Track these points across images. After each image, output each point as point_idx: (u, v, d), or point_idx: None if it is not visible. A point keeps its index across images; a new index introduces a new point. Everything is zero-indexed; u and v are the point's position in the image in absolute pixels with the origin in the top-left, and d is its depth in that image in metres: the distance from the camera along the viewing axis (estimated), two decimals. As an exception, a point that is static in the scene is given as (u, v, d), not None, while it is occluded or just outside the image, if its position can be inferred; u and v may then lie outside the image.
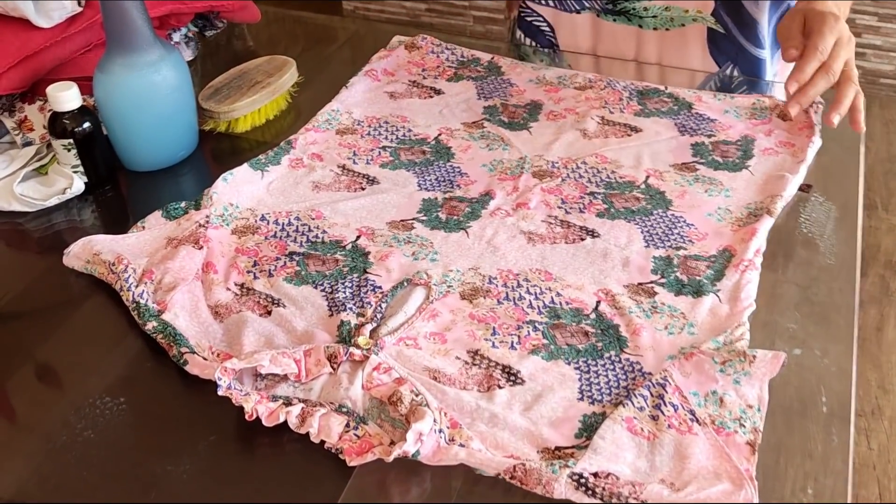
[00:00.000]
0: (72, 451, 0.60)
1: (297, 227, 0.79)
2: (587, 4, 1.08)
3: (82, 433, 0.61)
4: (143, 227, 0.79)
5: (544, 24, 1.12)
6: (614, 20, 1.07)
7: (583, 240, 0.77)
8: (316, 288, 0.72)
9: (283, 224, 0.80)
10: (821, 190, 0.85)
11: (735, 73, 1.07)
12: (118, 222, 0.81)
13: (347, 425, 0.59)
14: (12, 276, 0.77)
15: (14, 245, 0.82)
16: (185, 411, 0.63)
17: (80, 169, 0.84)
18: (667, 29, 1.06)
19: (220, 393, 0.60)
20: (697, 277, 0.73)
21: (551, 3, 1.10)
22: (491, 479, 0.57)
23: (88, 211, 0.84)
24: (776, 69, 1.08)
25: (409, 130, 0.94)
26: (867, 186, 0.88)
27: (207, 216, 0.79)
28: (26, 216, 0.83)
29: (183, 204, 0.81)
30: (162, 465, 0.58)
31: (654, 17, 1.04)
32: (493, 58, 1.07)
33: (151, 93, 0.84)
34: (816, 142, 0.90)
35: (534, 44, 1.15)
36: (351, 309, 0.69)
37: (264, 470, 0.58)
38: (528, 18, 1.14)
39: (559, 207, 0.81)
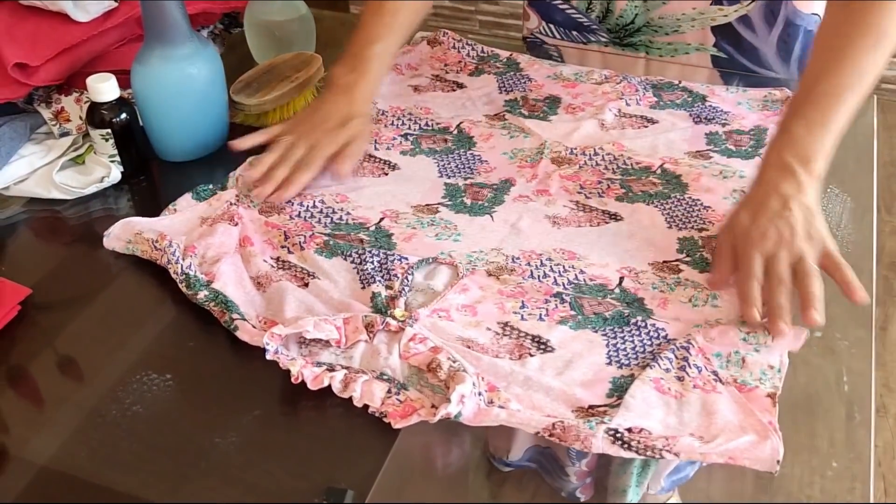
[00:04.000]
0: (121, 425, 0.62)
1: (322, 209, 0.82)
2: (593, 39, 1.11)
3: (131, 408, 0.63)
4: (175, 210, 0.82)
5: (553, 49, 1.15)
6: (623, 49, 1.11)
7: (607, 223, 0.80)
8: (346, 259, 0.75)
9: (308, 206, 0.82)
10: (835, 184, 0.87)
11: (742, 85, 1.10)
12: (152, 211, 0.84)
13: (389, 391, 0.62)
14: (53, 260, 0.80)
15: (54, 231, 0.84)
16: (229, 387, 0.66)
17: (117, 158, 0.87)
18: (672, 56, 1.09)
19: (268, 357, 0.62)
20: None
21: (557, 36, 1.13)
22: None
23: (124, 199, 0.87)
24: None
25: (432, 121, 0.96)
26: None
27: (237, 195, 0.82)
28: (64, 204, 0.85)
29: (211, 186, 0.84)
30: (209, 438, 0.60)
31: (658, 48, 1.08)
32: (511, 54, 1.09)
33: (187, 84, 0.87)
34: None
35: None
36: (379, 281, 0.72)
37: (308, 441, 0.61)
38: (536, 46, 1.16)
39: (579, 192, 0.84)
